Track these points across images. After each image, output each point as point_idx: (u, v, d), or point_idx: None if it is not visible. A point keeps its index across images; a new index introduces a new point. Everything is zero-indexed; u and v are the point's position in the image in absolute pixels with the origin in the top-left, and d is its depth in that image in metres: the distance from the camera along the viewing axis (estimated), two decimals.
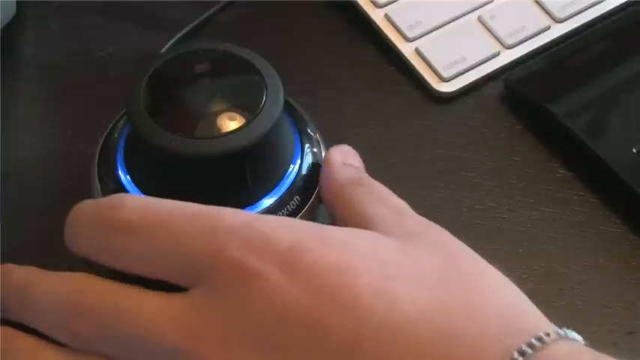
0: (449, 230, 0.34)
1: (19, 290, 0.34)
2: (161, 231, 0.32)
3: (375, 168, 0.44)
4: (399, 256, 0.31)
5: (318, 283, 0.30)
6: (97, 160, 0.40)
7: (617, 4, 0.49)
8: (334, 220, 0.36)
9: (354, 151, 0.38)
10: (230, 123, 0.37)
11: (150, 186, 0.38)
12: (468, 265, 0.31)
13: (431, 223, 0.34)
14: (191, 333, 0.30)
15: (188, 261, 0.31)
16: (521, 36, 0.47)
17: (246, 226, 0.31)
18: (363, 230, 0.32)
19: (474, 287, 0.30)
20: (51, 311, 0.33)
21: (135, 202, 0.33)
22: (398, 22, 0.47)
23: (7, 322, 0.34)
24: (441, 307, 0.29)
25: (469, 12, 0.48)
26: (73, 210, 0.34)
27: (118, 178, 0.39)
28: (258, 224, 0.31)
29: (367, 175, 0.36)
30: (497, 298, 0.30)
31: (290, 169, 0.39)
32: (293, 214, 0.38)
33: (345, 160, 0.37)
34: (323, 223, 0.40)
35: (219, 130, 0.37)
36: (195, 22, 0.48)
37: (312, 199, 0.39)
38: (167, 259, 0.32)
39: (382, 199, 0.35)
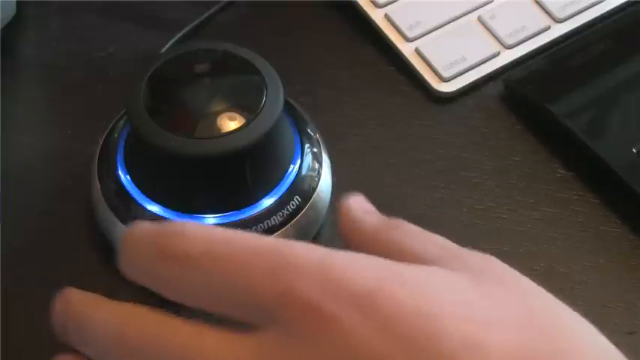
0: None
1: (76, 315, 0.32)
2: (224, 264, 0.29)
3: (375, 168, 0.44)
4: (474, 295, 0.29)
5: (399, 329, 0.27)
6: (97, 160, 0.40)
7: (617, 4, 0.49)
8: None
9: (365, 199, 0.36)
10: (230, 123, 0.37)
11: (150, 186, 0.38)
12: (539, 303, 0.30)
13: (485, 255, 0.32)
14: None
15: (254, 298, 0.29)
16: (521, 36, 0.47)
17: (321, 263, 0.29)
18: (433, 267, 0.30)
19: (554, 330, 0.28)
20: (100, 339, 0.31)
21: (197, 231, 0.30)
22: (398, 22, 0.47)
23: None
24: (528, 352, 0.27)
25: (469, 12, 0.48)
26: (130, 233, 0.31)
27: (118, 178, 0.39)
28: (333, 261, 0.29)
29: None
30: (578, 340, 0.29)
31: (290, 169, 0.39)
32: (293, 214, 0.38)
33: (363, 209, 0.35)
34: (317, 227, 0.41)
35: (219, 130, 0.37)
36: (195, 22, 0.48)
37: (312, 199, 0.39)
38: (230, 294, 0.29)
39: (422, 237, 0.32)
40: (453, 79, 0.46)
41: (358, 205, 0.34)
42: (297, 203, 0.39)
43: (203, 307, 0.30)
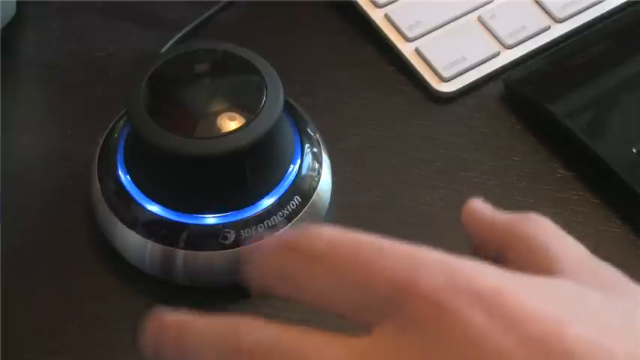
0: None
1: (175, 338, 0.32)
2: (351, 263, 0.29)
3: (375, 168, 0.44)
4: (602, 307, 0.29)
5: (525, 331, 0.27)
6: (97, 160, 0.40)
7: (617, 4, 0.49)
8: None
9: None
10: (230, 123, 0.37)
11: (150, 186, 0.38)
12: None
13: (617, 272, 0.31)
14: None
15: (376, 296, 0.28)
16: (521, 36, 0.47)
17: (445, 263, 0.28)
18: (561, 279, 0.30)
19: None
20: (209, 355, 0.30)
21: (325, 230, 0.30)
22: (398, 22, 0.47)
23: None
24: None
25: (469, 12, 0.48)
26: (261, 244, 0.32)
27: (118, 178, 0.39)
28: (458, 262, 0.29)
29: None
30: None
31: (290, 169, 0.39)
32: (293, 214, 0.38)
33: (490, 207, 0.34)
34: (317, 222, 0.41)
35: (219, 130, 0.37)
36: (195, 22, 0.48)
37: (312, 199, 0.39)
38: (353, 293, 0.29)
39: (560, 240, 0.32)
40: (453, 79, 0.46)
41: (484, 204, 0.34)
42: (297, 203, 0.39)
43: (325, 305, 0.30)
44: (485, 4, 0.48)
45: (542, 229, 0.32)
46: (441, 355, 0.27)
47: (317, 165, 0.40)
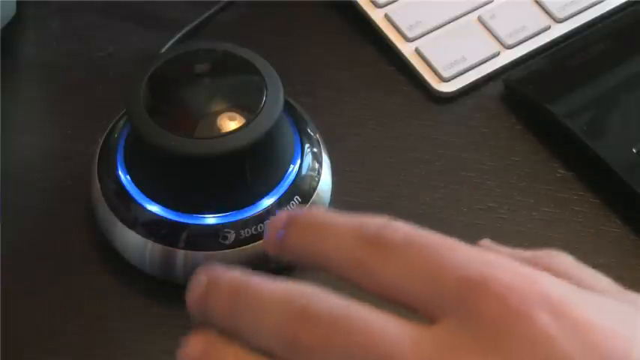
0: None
1: (230, 296, 0.31)
2: (426, 257, 0.30)
3: (375, 168, 0.44)
4: None
5: (590, 340, 0.28)
6: (97, 160, 0.40)
7: (617, 4, 0.49)
8: None
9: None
10: (230, 123, 0.37)
11: (150, 186, 0.38)
12: None
13: None
14: None
15: (446, 290, 0.29)
16: (521, 36, 0.47)
17: (515, 267, 0.29)
18: (615, 299, 0.31)
19: None
20: (269, 315, 0.30)
21: (399, 224, 0.31)
22: (398, 22, 0.47)
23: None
24: None
25: (469, 12, 0.48)
26: (318, 216, 0.32)
27: (118, 178, 0.39)
28: (527, 269, 0.30)
29: None
30: None
31: (290, 169, 0.39)
32: None
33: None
34: None
35: (219, 130, 0.37)
36: (195, 22, 0.48)
37: (312, 199, 0.39)
38: (424, 285, 0.29)
39: (584, 269, 0.33)
40: (453, 79, 0.46)
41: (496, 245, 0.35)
42: (297, 203, 0.39)
43: (392, 295, 0.30)
44: (485, 4, 0.48)
45: (567, 264, 0.32)
46: (506, 351, 0.28)
47: (317, 165, 0.40)
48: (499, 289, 0.28)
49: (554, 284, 0.29)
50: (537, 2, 0.49)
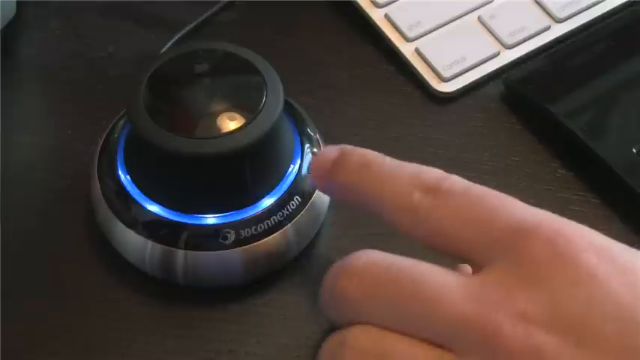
0: None
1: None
2: (477, 204, 0.31)
3: None
4: None
5: (634, 280, 0.29)
6: (97, 160, 0.40)
7: (617, 4, 0.49)
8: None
9: None
10: (230, 123, 0.37)
11: (150, 186, 0.38)
12: None
13: None
14: (485, 305, 0.29)
15: (496, 236, 0.30)
16: (521, 36, 0.47)
17: (560, 218, 0.31)
18: None
19: None
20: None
21: (459, 178, 0.33)
22: (398, 22, 0.47)
23: None
24: None
25: (469, 12, 0.48)
26: (372, 155, 0.35)
27: (118, 178, 0.39)
28: (571, 222, 0.31)
29: None
30: None
31: (290, 169, 0.39)
32: (293, 214, 0.38)
33: None
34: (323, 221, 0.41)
35: (219, 130, 0.37)
36: (195, 22, 0.48)
37: (312, 199, 0.39)
38: (474, 231, 0.31)
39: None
40: (453, 79, 0.46)
41: None
42: (297, 203, 0.39)
43: (439, 241, 0.32)
44: (485, 4, 0.48)
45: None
46: (551, 289, 0.29)
47: None
48: (548, 234, 0.30)
49: (599, 235, 0.31)
50: (537, 2, 0.49)
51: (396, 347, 0.30)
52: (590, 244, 0.30)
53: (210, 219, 0.38)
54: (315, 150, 0.40)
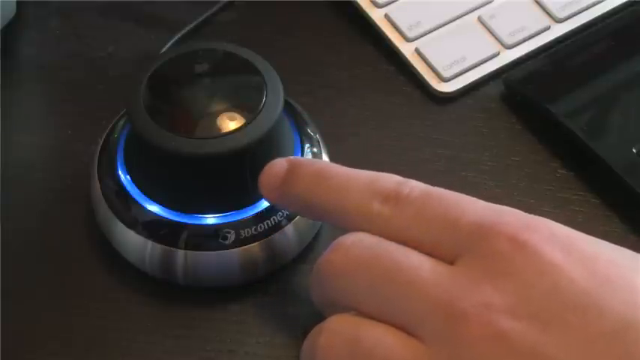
0: None
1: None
2: (440, 206, 0.32)
3: (375, 168, 0.44)
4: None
5: (596, 268, 0.30)
6: (97, 160, 0.40)
7: (617, 4, 0.49)
8: None
9: None
10: (230, 123, 0.37)
11: (150, 186, 0.38)
12: None
13: None
14: (453, 294, 0.30)
15: (460, 234, 0.31)
16: (521, 36, 0.47)
17: (521, 213, 0.32)
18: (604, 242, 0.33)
19: None
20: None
21: (413, 181, 0.34)
22: (398, 22, 0.47)
23: None
24: None
25: (469, 12, 0.48)
26: (322, 165, 0.36)
27: (118, 178, 0.39)
28: (532, 216, 0.32)
29: None
30: None
31: None
32: (293, 214, 0.38)
33: None
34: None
35: (219, 130, 0.37)
36: (195, 22, 0.48)
37: None
38: (439, 230, 0.32)
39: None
40: (453, 79, 0.46)
41: None
42: None
43: (412, 244, 0.32)
44: (485, 4, 0.48)
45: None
46: (515, 280, 0.30)
47: None
48: (509, 229, 0.31)
49: (560, 226, 0.31)
50: (537, 2, 0.49)
51: (368, 333, 0.31)
52: (552, 235, 0.31)
53: (210, 219, 0.38)
54: (315, 150, 0.40)
